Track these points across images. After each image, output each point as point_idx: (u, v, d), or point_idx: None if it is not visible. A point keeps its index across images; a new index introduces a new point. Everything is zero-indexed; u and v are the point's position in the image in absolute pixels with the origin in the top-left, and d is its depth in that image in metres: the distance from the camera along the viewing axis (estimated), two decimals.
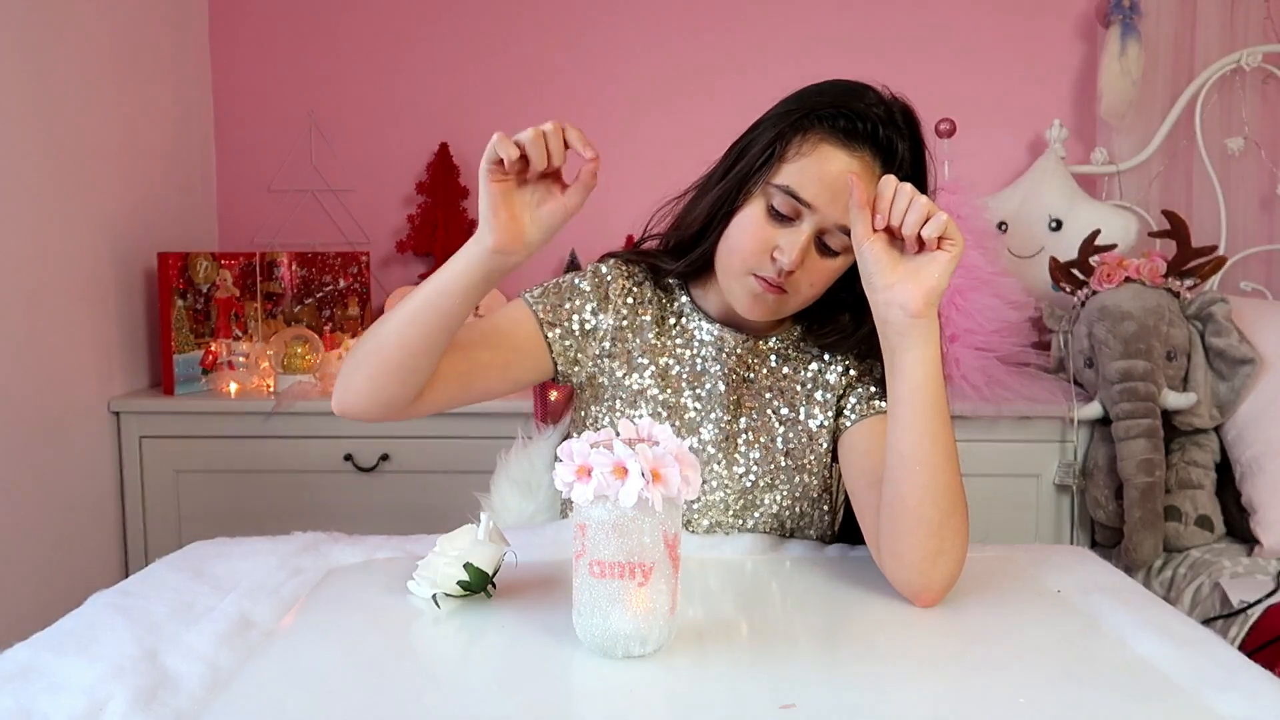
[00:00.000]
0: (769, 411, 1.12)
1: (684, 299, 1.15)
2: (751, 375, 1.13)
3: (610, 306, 1.13)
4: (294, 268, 2.25)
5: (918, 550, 0.92)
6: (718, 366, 1.12)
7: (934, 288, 0.90)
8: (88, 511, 1.94)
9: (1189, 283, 1.89)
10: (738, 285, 1.05)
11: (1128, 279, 1.88)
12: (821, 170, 0.99)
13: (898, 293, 0.91)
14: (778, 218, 1.01)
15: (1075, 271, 1.98)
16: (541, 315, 1.10)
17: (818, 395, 1.12)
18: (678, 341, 1.13)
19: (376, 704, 0.72)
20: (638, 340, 1.13)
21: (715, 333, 1.13)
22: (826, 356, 1.13)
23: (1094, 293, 1.91)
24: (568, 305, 1.12)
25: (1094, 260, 1.95)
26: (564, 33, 2.38)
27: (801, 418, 1.12)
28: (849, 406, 1.11)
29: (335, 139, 2.41)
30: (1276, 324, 1.89)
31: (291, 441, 2.00)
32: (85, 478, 1.93)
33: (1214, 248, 1.93)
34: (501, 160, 0.89)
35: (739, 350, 1.13)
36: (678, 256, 1.12)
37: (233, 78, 2.42)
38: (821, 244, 1.01)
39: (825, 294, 1.07)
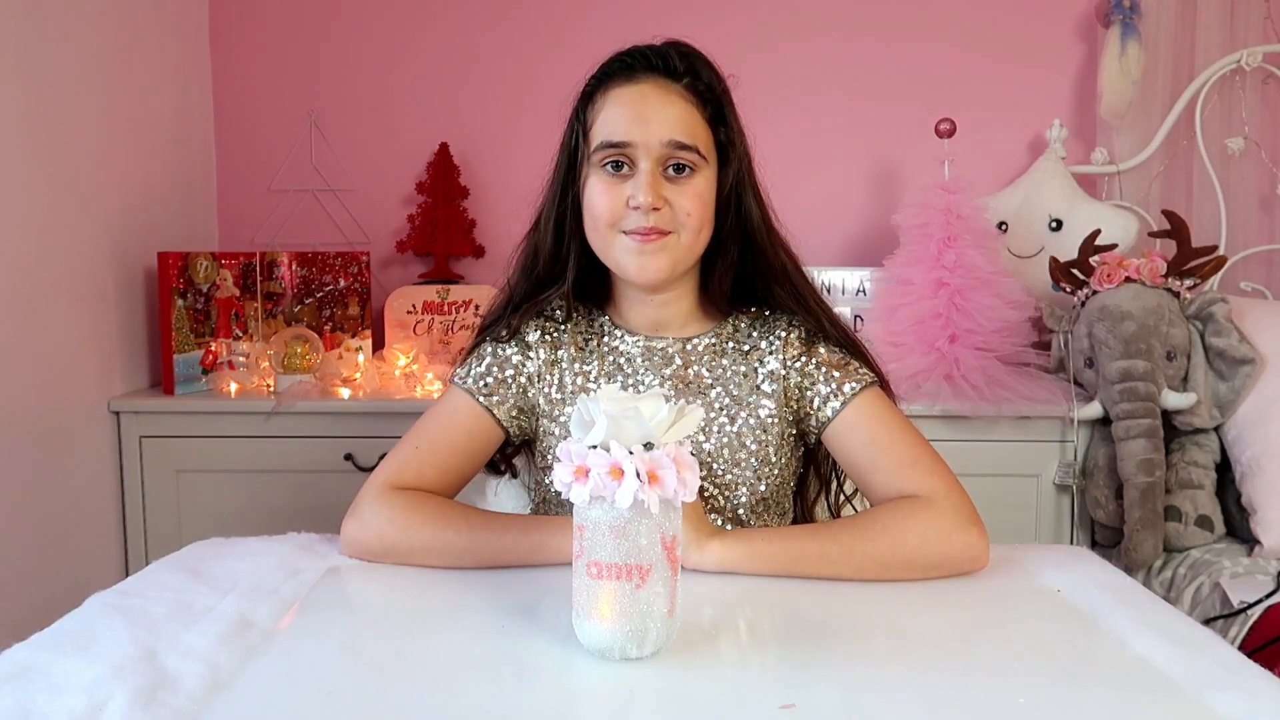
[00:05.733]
0: (717, 406, 1.11)
1: (603, 318, 1.15)
2: (690, 375, 1.12)
3: (532, 351, 1.13)
4: (294, 267, 2.25)
5: (943, 573, 0.99)
6: (651, 375, 1.11)
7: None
8: (88, 511, 1.93)
9: (1189, 283, 1.89)
10: (618, 254, 1.05)
11: (1128, 279, 1.88)
12: (620, 108, 1.04)
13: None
14: (617, 172, 1.04)
15: (1075, 271, 1.98)
16: (481, 397, 1.11)
17: (764, 386, 1.12)
18: (607, 359, 1.13)
19: (376, 704, 0.72)
20: (567, 372, 1.12)
21: (641, 344, 1.13)
22: (763, 344, 1.13)
23: (1094, 293, 1.91)
24: (498, 370, 1.12)
25: (1094, 260, 1.95)
26: (563, 33, 2.38)
27: (751, 406, 1.11)
28: (820, 398, 1.10)
29: (335, 139, 2.41)
30: (1276, 324, 1.89)
31: (291, 441, 2.00)
32: (85, 478, 1.92)
33: (1214, 248, 1.93)
34: None
35: (671, 354, 1.12)
36: (554, 280, 1.12)
37: (233, 78, 2.42)
38: (671, 169, 1.03)
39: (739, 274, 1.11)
